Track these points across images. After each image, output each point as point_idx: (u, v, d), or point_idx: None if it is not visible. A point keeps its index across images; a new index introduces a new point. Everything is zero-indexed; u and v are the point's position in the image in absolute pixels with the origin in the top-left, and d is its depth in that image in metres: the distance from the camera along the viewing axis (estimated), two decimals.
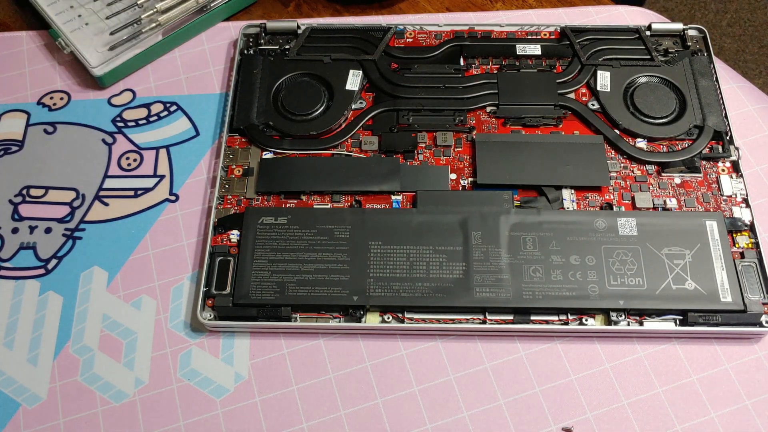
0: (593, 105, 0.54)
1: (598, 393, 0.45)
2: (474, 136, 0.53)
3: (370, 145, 0.53)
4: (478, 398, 0.45)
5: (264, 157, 0.52)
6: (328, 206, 0.50)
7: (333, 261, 0.47)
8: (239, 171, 0.52)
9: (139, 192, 0.53)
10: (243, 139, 0.53)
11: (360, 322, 0.46)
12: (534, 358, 0.46)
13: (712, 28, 1.40)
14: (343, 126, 0.54)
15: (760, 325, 0.45)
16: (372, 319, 0.46)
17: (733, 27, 1.40)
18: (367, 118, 0.54)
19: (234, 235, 0.49)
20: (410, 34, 0.59)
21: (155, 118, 0.56)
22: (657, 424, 0.44)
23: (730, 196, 0.50)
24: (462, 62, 0.57)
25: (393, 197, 0.50)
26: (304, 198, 0.51)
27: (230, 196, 0.51)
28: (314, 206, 0.50)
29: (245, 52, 0.58)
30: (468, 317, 0.46)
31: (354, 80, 0.55)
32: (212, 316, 0.46)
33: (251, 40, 0.58)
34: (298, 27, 0.58)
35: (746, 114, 0.55)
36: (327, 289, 0.46)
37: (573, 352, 0.46)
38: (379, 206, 0.50)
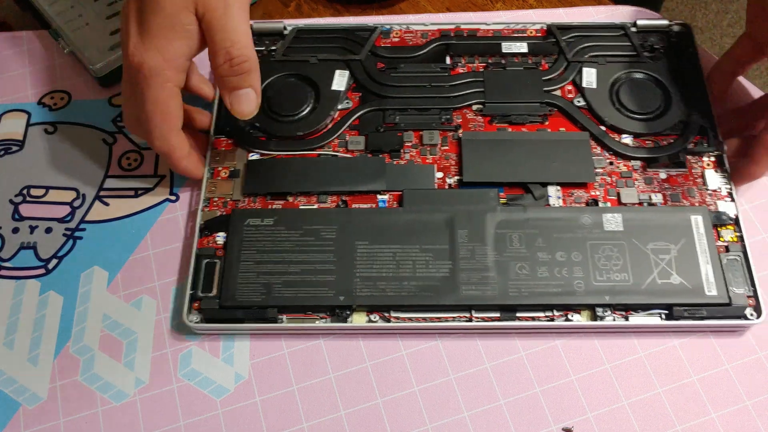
0: (579, 102, 0.54)
1: (598, 393, 0.45)
2: (460, 135, 0.53)
3: (357, 145, 0.53)
4: (478, 398, 0.45)
5: (250, 158, 0.52)
6: (315, 207, 0.50)
7: (319, 261, 0.47)
8: (225, 173, 0.52)
9: (140, 192, 0.53)
10: (229, 141, 0.53)
11: (346, 322, 0.46)
12: (534, 358, 0.46)
13: (713, 28, 1.40)
14: (330, 126, 0.54)
15: (745, 317, 0.45)
16: (358, 319, 0.46)
17: (733, 27, 1.40)
18: (353, 118, 0.54)
19: (220, 238, 0.49)
20: (396, 33, 0.59)
21: None
22: (657, 424, 0.44)
23: (715, 191, 0.50)
24: (448, 61, 0.57)
25: (379, 197, 0.50)
26: (290, 199, 0.51)
27: (216, 198, 0.51)
28: (300, 207, 0.50)
29: None
30: (454, 315, 0.46)
31: (340, 80, 0.55)
32: (199, 318, 0.46)
33: None
34: (285, 28, 0.58)
35: None
36: (313, 289, 0.46)
37: (573, 352, 0.46)
38: (366, 206, 0.50)
